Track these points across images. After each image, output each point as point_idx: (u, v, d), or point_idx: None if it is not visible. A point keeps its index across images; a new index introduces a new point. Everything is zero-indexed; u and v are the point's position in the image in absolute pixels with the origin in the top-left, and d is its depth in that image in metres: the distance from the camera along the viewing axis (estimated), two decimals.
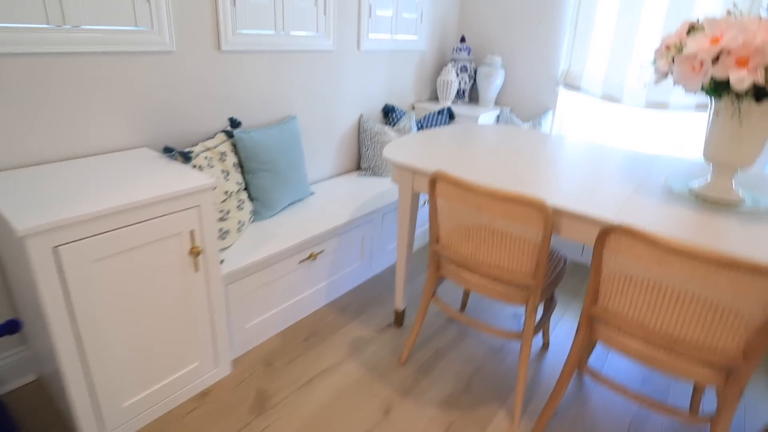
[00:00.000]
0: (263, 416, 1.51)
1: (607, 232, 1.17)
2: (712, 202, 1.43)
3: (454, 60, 2.97)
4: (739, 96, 1.31)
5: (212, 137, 1.83)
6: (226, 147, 1.81)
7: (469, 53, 2.95)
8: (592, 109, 2.89)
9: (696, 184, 1.53)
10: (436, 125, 2.73)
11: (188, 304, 1.45)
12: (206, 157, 1.69)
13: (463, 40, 2.98)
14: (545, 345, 1.93)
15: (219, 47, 1.78)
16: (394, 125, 2.66)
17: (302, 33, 2.08)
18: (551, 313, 1.73)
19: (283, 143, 2.01)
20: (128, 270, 1.26)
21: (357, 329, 1.95)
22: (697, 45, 1.29)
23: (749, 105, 1.34)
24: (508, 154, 1.77)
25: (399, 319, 1.96)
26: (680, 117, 2.59)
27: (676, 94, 2.44)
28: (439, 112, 2.76)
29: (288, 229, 1.91)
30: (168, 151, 1.56)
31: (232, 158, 1.83)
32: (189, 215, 1.36)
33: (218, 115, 1.89)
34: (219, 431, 1.44)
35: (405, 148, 1.77)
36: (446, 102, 2.95)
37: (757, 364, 1.11)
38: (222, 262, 1.63)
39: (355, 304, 2.12)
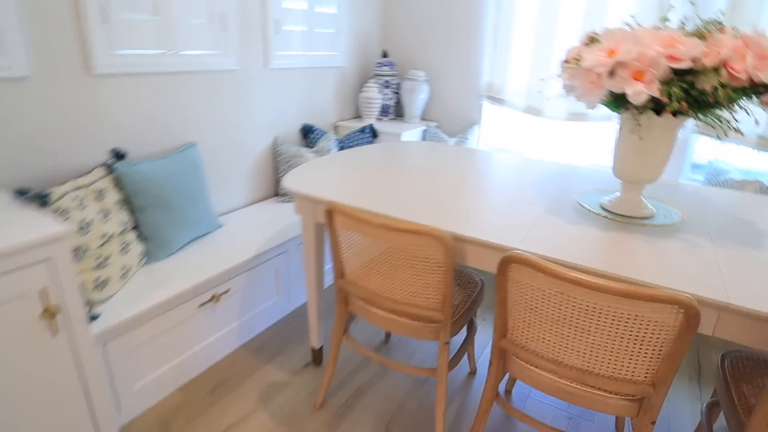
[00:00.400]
0: None
1: (506, 262, 1.07)
2: (622, 219, 1.38)
3: (376, 76, 2.88)
4: (638, 110, 1.26)
5: (87, 173, 1.61)
6: (105, 183, 1.61)
7: (391, 68, 2.87)
8: (517, 122, 2.87)
9: (607, 199, 1.48)
10: (358, 144, 2.62)
11: (50, 376, 1.23)
12: (76, 198, 1.48)
13: (385, 55, 2.90)
14: (472, 371, 1.83)
15: (90, 71, 1.58)
16: (312, 146, 2.52)
17: (197, 52, 1.91)
18: (472, 338, 1.64)
19: (178, 174, 1.82)
20: None
21: (272, 373, 1.78)
22: (593, 58, 1.23)
23: (650, 118, 1.30)
24: (424, 173, 1.67)
25: (317, 357, 1.81)
26: (603, 127, 2.61)
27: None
28: (361, 131, 2.65)
29: (187, 269, 1.71)
30: (22, 193, 1.34)
31: (114, 195, 1.63)
32: (37, 271, 1.15)
33: (96, 148, 1.68)
34: None
35: (310, 174, 1.63)
36: (370, 119, 2.85)
37: (666, 391, 1.05)
38: (95, 318, 1.41)
39: (272, 343, 1.94)
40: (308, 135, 2.56)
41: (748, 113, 1.23)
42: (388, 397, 1.68)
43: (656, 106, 1.24)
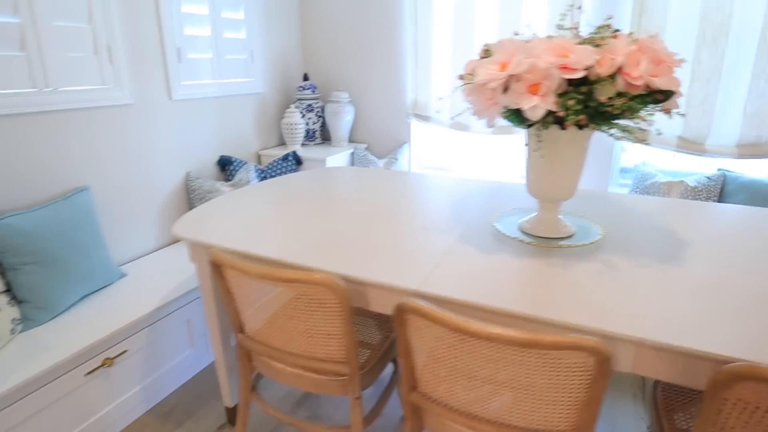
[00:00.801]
0: None
1: (401, 311, 0.95)
2: (538, 243, 1.29)
3: (299, 100, 2.76)
4: (541, 124, 1.18)
5: None
6: None
7: (313, 91, 2.76)
8: (446, 139, 2.82)
9: (524, 220, 1.40)
10: (281, 173, 2.48)
11: None
12: None
13: (306, 78, 2.79)
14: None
15: None
16: (231, 179, 2.36)
17: (80, 87, 1.72)
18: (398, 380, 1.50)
19: (63, 224, 1.62)
20: None
21: None
22: (485, 72, 1.14)
23: (555, 133, 1.23)
24: (334, 205, 1.54)
25: (232, 417, 1.62)
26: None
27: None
28: (283, 159, 2.51)
29: (74, 332, 1.50)
30: None
31: None
32: None
33: None
34: None
35: (207, 215, 1.47)
36: (294, 146, 2.71)
37: None
38: None
39: (184, 404, 1.74)
40: (226, 167, 2.39)
41: (646, 122, 1.19)
42: None
43: (559, 120, 1.17)
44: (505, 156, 2.70)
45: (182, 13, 2.08)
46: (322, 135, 2.89)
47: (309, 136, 2.82)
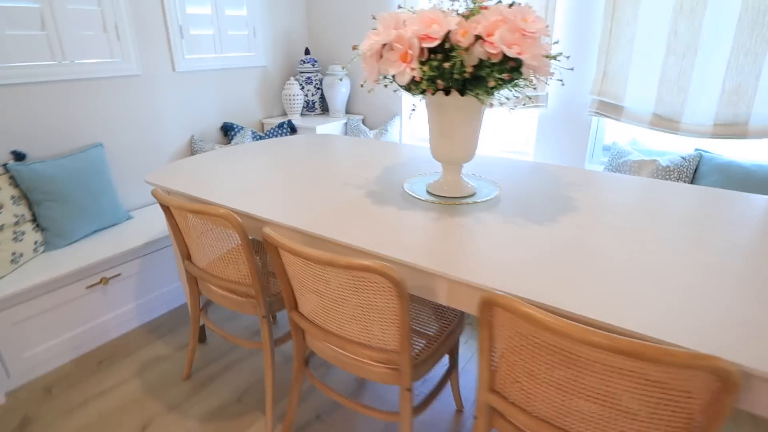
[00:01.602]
0: (23, 429, 1.52)
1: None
2: (447, 200, 1.43)
3: (300, 73, 3.04)
4: (427, 90, 1.32)
5: None
6: (0, 181, 1.83)
7: (313, 65, 3.02)
8: None
9: (431, 183, 1.56)
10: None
11: None
12: None
13: (307, 52, 3.05)
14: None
15: None
16: (230, 143, 2.70)
17: (92, 60, 2.11)
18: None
19: (77, 172, 2.03)
20: None
21: (159, 348, 1.97)
22: (367, 42, 1.32)
23: (441, 99, 1.38)
24: (282, 163, 1.81)
25: (201, 335, 1.98)
26: (511, 112, 2.68)
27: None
28: (279, 126, 2.82)
29: (81, 255, 1.92)
30: None
31: (9, 191, 1.85)
32: None
33: (2, 149, 1.91)
34: None
35: (178, 168, 1.80)
36: (293, 115, 3.00)
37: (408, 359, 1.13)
38: None
39: (168, 324, 2.14)
40: (228, 132, 2.74)
41: (512, 91, 1.31)
42: (254, 371, 1.84)
43: (446, 88, 1.32)
44: (487, 129, 2.81)
45: None
46: (321, 106, 3.15)
47: (309, 107, 3.10)
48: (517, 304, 0.84)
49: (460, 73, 1.23)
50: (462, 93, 1.31)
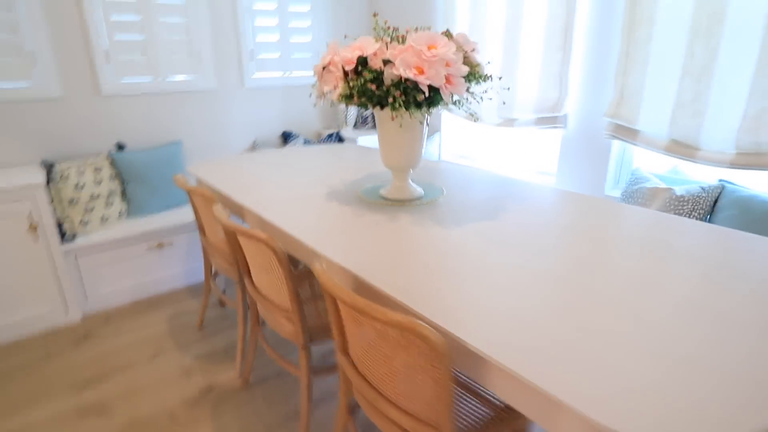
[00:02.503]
0: (78, 346, 2.10)
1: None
2: (396, 203, 1.63)
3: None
4: (365, 105, 1.58)
5: (96, 156, 2.55)
6: (103, 163, 2.52)
7: None
8: (472, 130, 3.08)
9: (383, 189, 1.76)
10: None
11: (35, 267, 2.12)
12: (78, 169, 2.40)
13: None
14: None
15: (99, 93, 2.53)
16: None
17: (181, 77, 2.75)
18: None
19: (159, 162, 2.67)
20: None
21: (190, 305, 2.47)
22: (319, 65, 1.60)
23: (380, 112, 1.59)
24: (278, 170, 2.19)
25: (222, 301, 2.44)
26: (536, 132, 2.71)
27: (519, 111, 2.59)
28: (328, 136, 3.22)
29: (147, 224, 2.53)
30: (46, 164, 2.30)
31: (108, 171, 2.53)
32: (25, 203, 2.05)
33: (105, 141, 2.61)
34: (47, 346, 2.07)
35: (220, 165, 2.28)
36: (347, 127, 3.38)
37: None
38: (74, 239, 2.29)
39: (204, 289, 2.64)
40: (287, 139, 3.23)
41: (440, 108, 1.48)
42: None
43: (380, 101, 1.55)
44: (519, 148, 2.84)
45: (255, 26, 2.96)
46: (373, 120, 3.48)
47: (363, 120, 3.45)
48: (326, 279, 1.03)
49: (363, 91, 1.44)
50: (381, 107, 1.51)
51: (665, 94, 2.01)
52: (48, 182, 2.29)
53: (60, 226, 2.28)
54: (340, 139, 3.24)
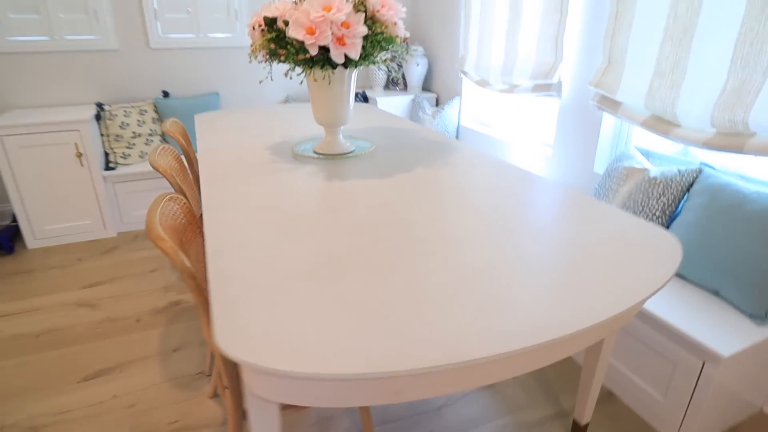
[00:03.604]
0: (103, 256, 2.63)
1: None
2: (330, 157, 1.73)
3: (387, 51, 3.42)
4: (298, 63, 1.68)
5: (143, 101, 3.03)
6: (148, 107, 2.98)
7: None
8: (489, 96, 2.93)
9: (317, 144, 1.85)
10: None
11: (80, 187, 2.67)
12: (125, 111, 2.88)
13: None
14: None
15: (149, 46, 2.96)
16: None
17: (219, 35, 3.07)
18: None
19: (196, 109, 3.06)
20: (43, 157, 2.55)
21: None
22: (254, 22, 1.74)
23: (314, 71, 1.69)
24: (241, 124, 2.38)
25: None
26: (537, 100, 2.51)
27: (518, 77, 2.41)
28: (355, 95, 3.31)
29: None
30: (98, 105, 2.82)
31: (152, 114, 2.99)
32: (73, 134, 2.57)
33: (153, 89, 3.07)
34: (81, 253, 2.63)
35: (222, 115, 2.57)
36: (376, 88, 3.44)
37: None
38: (113, 169, 2.80)
39: None
40: None
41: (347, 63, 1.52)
42: None
43: (313, 61, 1.64)
44: (527, 117, 2.65)
45: None
46: (404, 83, 3.47)
47: (394, 82, 3.47)
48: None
49: (266, 47, 1.53)
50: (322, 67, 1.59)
51: (646, 61, 1.73)
52: (99, 120, 2.81)
53: (106, 155, 2.81)
54: (365, 99, 3.32)
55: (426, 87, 3.46)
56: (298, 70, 2.71)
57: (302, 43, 1.46)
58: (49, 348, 1.90)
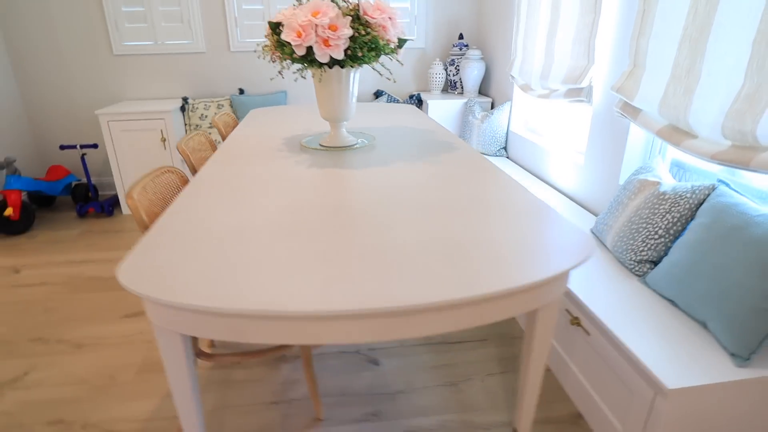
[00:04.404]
0: None
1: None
2: (335, 149, 1.88)
3: (450, 55, 3.44)
4: (309, 64, 1.85)
5: (222, 97, 3.46)
6: (225, 102, 3.40)
7: (461, 49, 3.36)
8: (536, 103, 2.81)
9: (323, 139, 1.98)
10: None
11: (164, 161, 3.16)
12: (206, 105, 3.33)
13: (461, 37, 3.39)
14: None
15: (229, 49, 3.37)
16: None
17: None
18: None
19: (263, 103, 3.42)
20: (137, 140, 3.08)
21: None
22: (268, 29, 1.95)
23: (324, 71, 1.86)
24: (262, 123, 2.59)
25: None
26: (563, 105, 2.37)
27: (554, 81, 2.31)
28: (410, 97, 3.40)
29: None
30: (184, 98, 3.30)
31: (227, 108, 3.41)
32: (159, 122, 3.06)
33: (232, 86, 3.48)
34: None
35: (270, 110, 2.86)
36: (434, 91, 3.48)
37: None
38: None
39: None
40: (378, 96, 3.56)
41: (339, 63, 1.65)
42: None
43: (313, 62, 1.81)
44: (571, 123, 2.49)
45: None
46: (461, 86, 3.46)
47: (452, 86, 3.48)
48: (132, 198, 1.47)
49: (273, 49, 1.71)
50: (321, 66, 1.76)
51: (664, 64, 1.57)
52: (183, 111, 3.29)
53: None
54: (420, 101, 3.39)
55: (483, 91, 3.42)
56: (297, 67, 2.87)
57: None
58: (111, 289, 2.32)
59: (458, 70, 3.44)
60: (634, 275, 1.61)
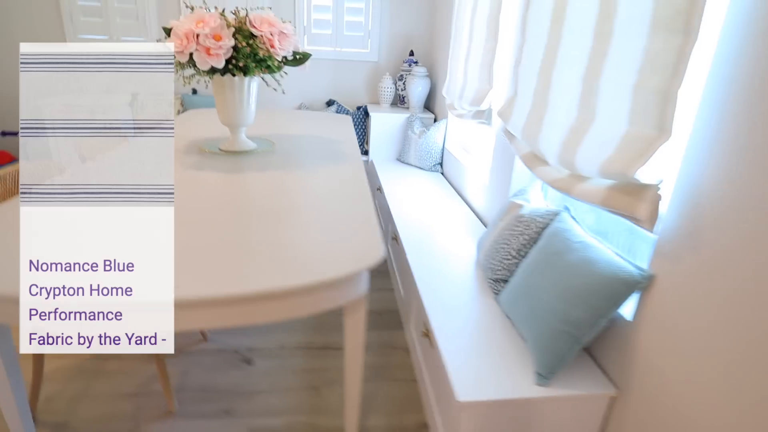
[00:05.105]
0: None
1: None
2: (233, 153, 1.96)
3: (401, 71, 3.52)
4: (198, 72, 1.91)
5: (173, 95, 3.56)
6: (176, 100, 3.49)
7: (410, 65, 3.44)
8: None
9: (222, 143, 2.05)
10: (355, 118, 3.49)
11: None
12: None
13: (411, 53, 3.48)
14: None
15: None
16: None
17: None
18: None
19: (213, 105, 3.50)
20: None
21: None
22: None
23: (212, 79, 1.92)
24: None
25: None
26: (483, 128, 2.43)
27: (465, 102, 2.37)
28: (357, 108, 3.49)
29: None
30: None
31: (177, 107, 3.50)
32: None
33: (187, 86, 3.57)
34: None
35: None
36: (383, 104, 3.56)
37: None
38: None
39: None
40: (329, 106, 3.65)
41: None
42: None
43: (214, 69, 1.89)
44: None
45: (312, 5, 3.42)
46: (408, 101, 3.53)
47: (400, 100, 3.55)
48: None
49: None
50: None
51: (528, 92, 1.64)
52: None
53: None
54: (366, 113, 3.47)
55: (430, 108, 3.49)
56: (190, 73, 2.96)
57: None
58: None
59: (405, 85, 3.52)
60: (492, 292, 1.66)
